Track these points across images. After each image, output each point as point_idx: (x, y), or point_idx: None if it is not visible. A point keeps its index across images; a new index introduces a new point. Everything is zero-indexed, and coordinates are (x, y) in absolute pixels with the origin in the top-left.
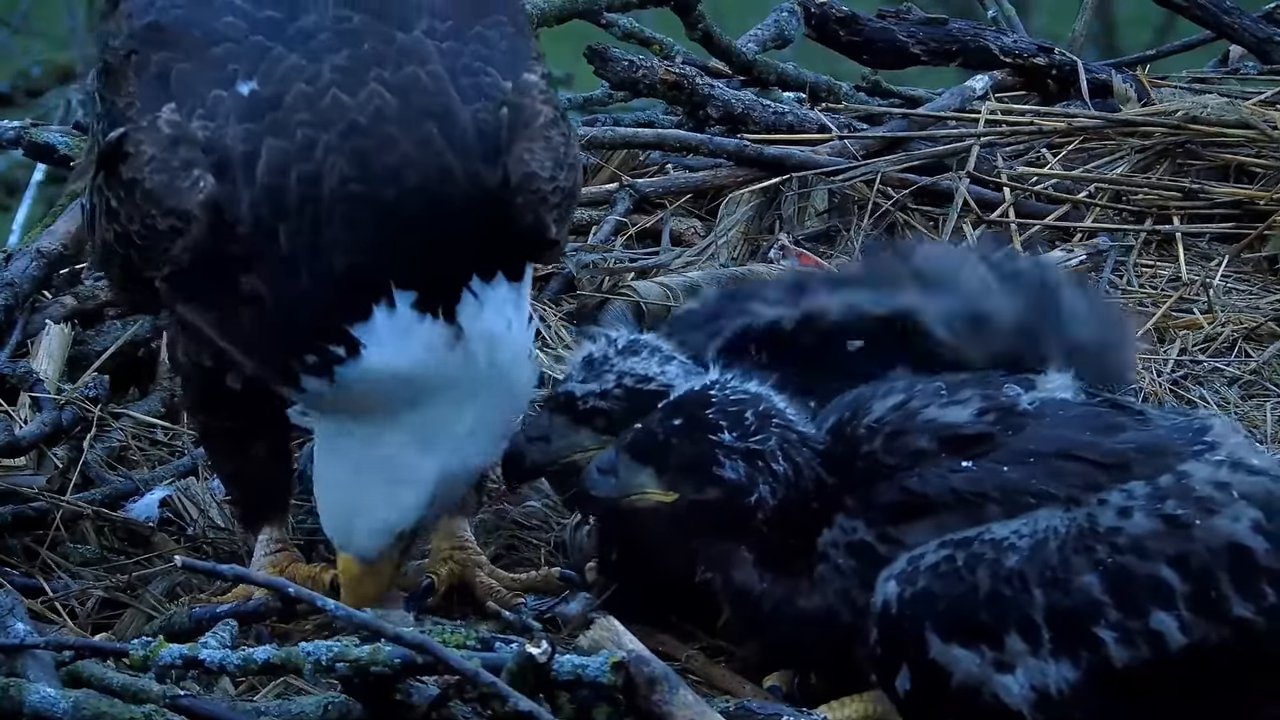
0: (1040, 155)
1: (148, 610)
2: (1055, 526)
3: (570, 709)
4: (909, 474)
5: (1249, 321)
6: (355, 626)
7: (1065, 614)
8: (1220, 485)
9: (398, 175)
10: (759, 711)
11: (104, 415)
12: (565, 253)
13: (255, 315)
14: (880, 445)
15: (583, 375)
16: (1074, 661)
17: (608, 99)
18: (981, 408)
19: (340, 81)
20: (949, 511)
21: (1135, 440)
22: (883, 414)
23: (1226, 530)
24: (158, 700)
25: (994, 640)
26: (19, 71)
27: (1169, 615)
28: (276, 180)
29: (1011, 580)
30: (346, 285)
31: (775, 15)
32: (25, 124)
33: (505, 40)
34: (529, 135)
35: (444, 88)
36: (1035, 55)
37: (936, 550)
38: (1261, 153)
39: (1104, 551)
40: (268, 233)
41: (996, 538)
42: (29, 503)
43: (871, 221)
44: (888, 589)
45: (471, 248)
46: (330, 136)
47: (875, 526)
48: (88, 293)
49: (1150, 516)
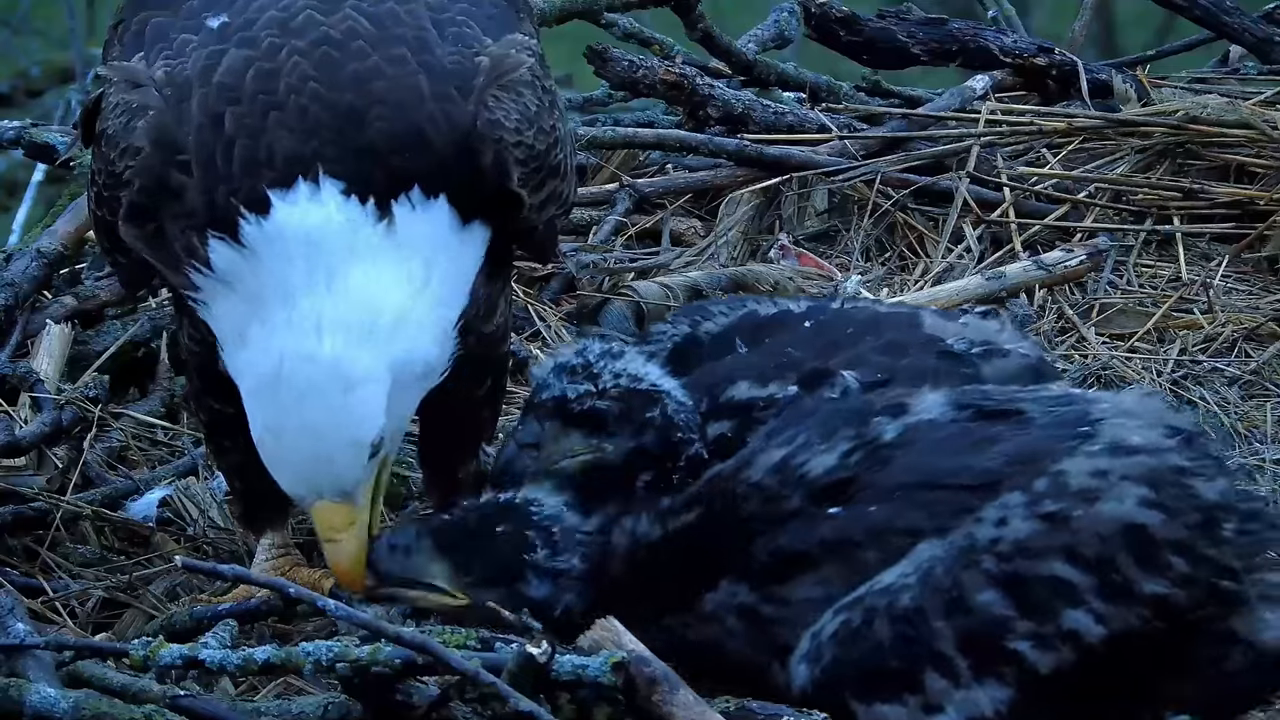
0: (1040, 155)
1: (148, 610)
2: (937, 555)
3: (570, 709)
4: (780, 531)
5: (1249, 321)
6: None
7: (974, 637)
8: (1098, 474)
9: (362, 81)
10: (759, 712)
11: (104, 415)
12: (565, 253)
13: (183, 204)
14: (758, 509)
15: (569, 379)
16: (999, 680)
17: (608, 99)
18: (848, 448)
19: (315, 6)
20: (826, 563)
21: (1006, 452)
22: (760, 478)
23: (1112, 513)
24: (158, 700)
25: (914, 685)
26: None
27: (1079, 611)
28: (234, 78)
29: (911, 620)
30: (277, 164)
31: (775, 15)
32: (25, 124)
33: (495, 8)
34: (501, 85)
35: (423, 24)
36: (1035, 55)
37: (832, 618)
38: (1261, 153)
39: (991, 563)
40: (214, 119)
41: (885, 585)
42: (29, 503)
43: (871, 221)
44: (800, 673)
45: (424, 164)
46: (299, 43)
47: (758, 589)
48: (88, 293)
49: (1029, 520)
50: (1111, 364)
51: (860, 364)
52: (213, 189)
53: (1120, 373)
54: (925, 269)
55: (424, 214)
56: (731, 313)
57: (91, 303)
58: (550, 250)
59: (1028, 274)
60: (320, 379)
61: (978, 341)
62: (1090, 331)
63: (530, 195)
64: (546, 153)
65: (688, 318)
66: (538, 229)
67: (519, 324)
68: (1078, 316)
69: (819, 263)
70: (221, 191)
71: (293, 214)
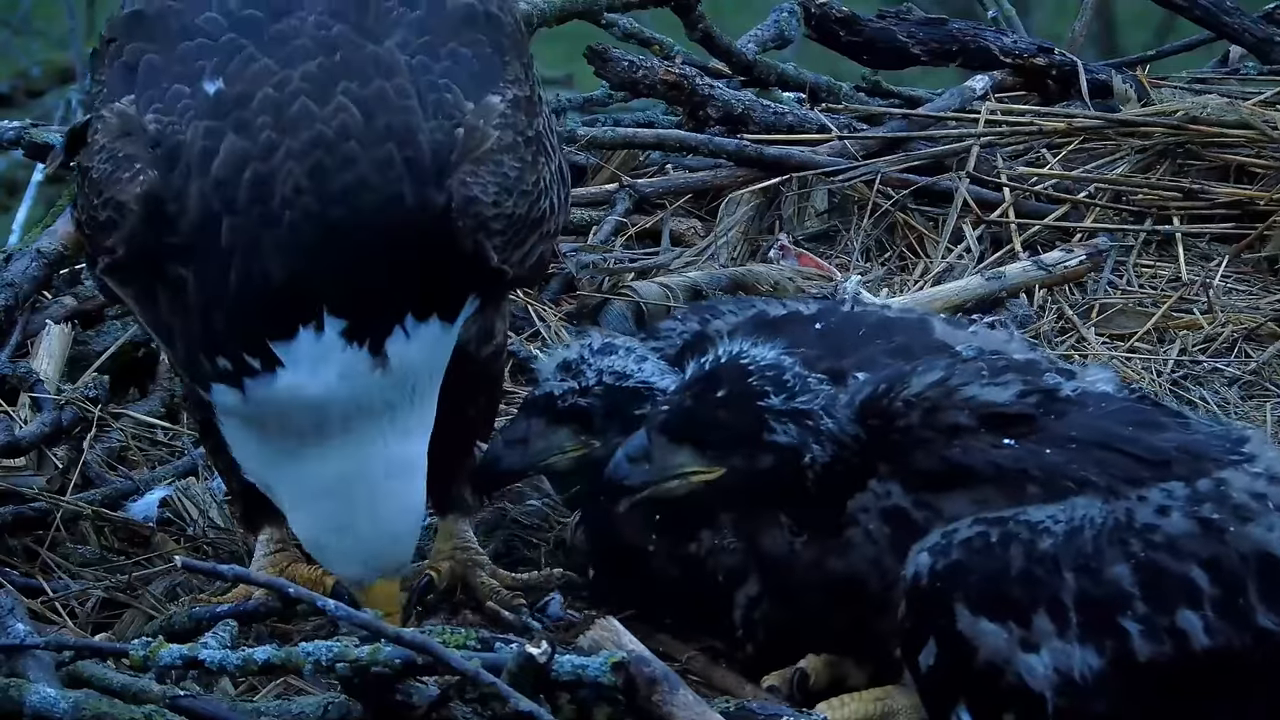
0: (1040, 155)
1: (148, 610)
2: (1092, 516)
3: (570, 709)
4: (950, 445)
5: (1249, 322)
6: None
7: (1094, 601)
8: (1257, 495)
9: (351, 197)
10: (759, 712)
11: (104, 415)
12: (565, 253)
13: (182, 307)
14: (918, 419)
15: (560, 375)
16: (1099, 649)
17: (608, 99)
18: (1022, 389)
19: (309, 90)
20: (988, 486)
21: (1176, 440)
22: (921, 389)
23: (1259, 539)
24: (158, 700)
25: (1022, 618)
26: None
27: (1195, 615)
28: (231, 175)
29: (1044, 561)
30: (278, 296)
31: (775, 15)
32: (25, 124)
33: (479, 61)
34: (476, 158)
35: (409, 105)
36: (1035, 55)
37: (971, 525)
38: (1261, 153)
39: (1138, 546)
40: (212, 223)
41: (1032, 520)
42: (29, 503)
43: (871, 221)
44: (920, 560)
45: (411, 280)
46: (293, 144)
47: (912, 492)
48: (88, 293)
49: (1187, 517)
50: (1111, 364)
51: (870, 366)
52: (210, 310)
53: (1120, 373)
54: (925, 269)
55: (416, 337)
56: (741, 312)
57: (91, 303)
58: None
59: (1028, 274)
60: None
61: (987, 350)
62: (1090, 332)
63: (511, 257)
64: (529, 212)
65: (697, 316)
66: (525, 276)
67: (519, 324)
68: (1078, 316)
69: (819, 263)
70: (218, 320)
71: (297, 375)
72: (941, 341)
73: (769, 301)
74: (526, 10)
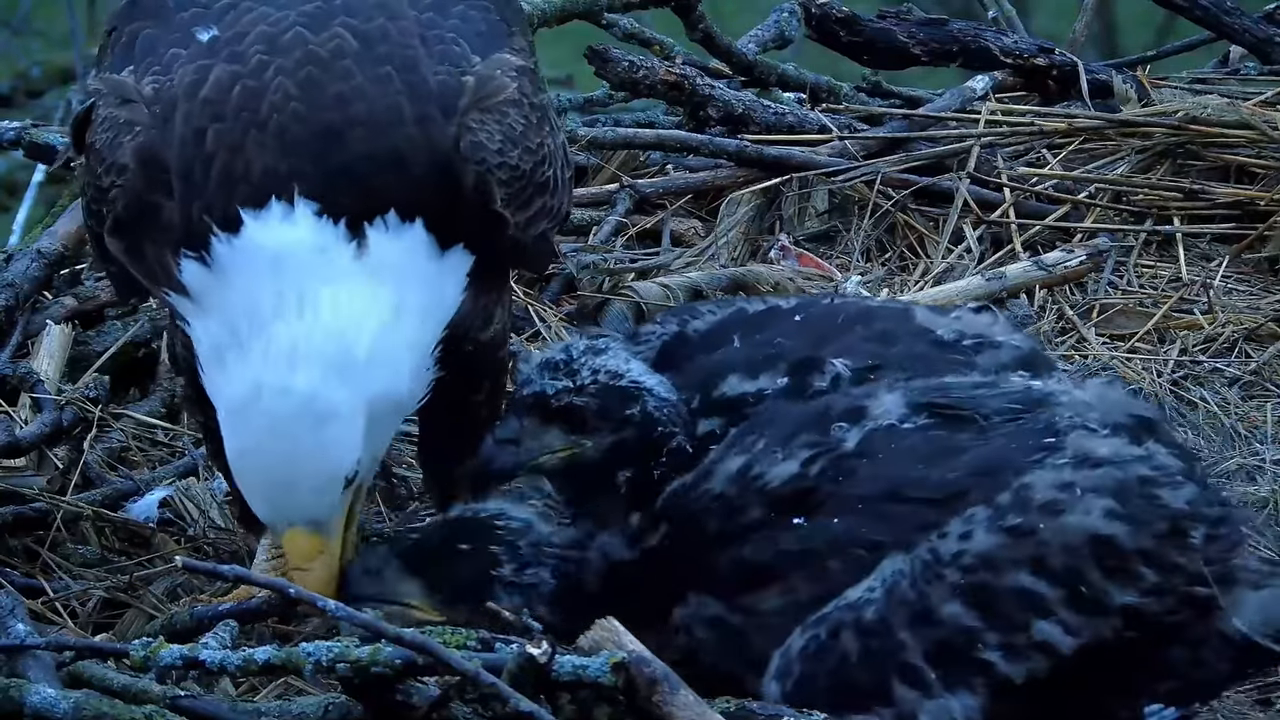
0: (1040, 155)
1: (148, 611)
2: (901, 569)
3: (570, 709)
4: (744, 543)
5: (1249, 322)
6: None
7: (943, 647)
8: (1064, 486)
9: (344, 103)
10: (759, 712)
11: (104, 416)
12: (565, 253)
13: (165, 223)
14: (718, 521)
15: (550, 375)
16: (970, 690)
17: (608, 99)
18: (809, 456)
19: (305, 23)
20: (790, 574)
21: (970, 463)
22: (723, 488)
23: (1079, 525)
24: (158, 701)
25: (884, 697)
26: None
27: (1048, 622)
28: (219, 95)
29: (877, 633)
30: (253, 181)
31: (775, 16)
32: (25, 125)
33: (486, 24)
34: (485, 106)
35: (411, 42)
36: (1036, 56)
37: (801, 635)
38: (1262, 153)
39: (955, 575)
40: (195, 136)
41: (851, 600)
42: (29, 503)
43: (872, 222)
44: (772, 691)
45: (401, 187)
46: (285, 62)
47: (724, 599)
48: (88, 293)
49: (993, 533)
50: (1111, 364)
51: (850, 352)
52: (189, 205)
53: (1120, 373)
54: (925, 269)
55: (399, 238)
56: (720, 311)
57: (92, 303)
58: (544, 263)
59: (1028, 274)
60: (295, 412)
61: (969, 333)
62: (1090, 332)
63: (515, 214)
64: (533, 171)
65: (676, 318)
66: (528, 246)
67: (519, 324)
68: (1078, 317)
69: (819, 263)
70: (197, 208)
71: (263, 233)
72: (922, 326)
73: (750, 300)
74: (527, 11)
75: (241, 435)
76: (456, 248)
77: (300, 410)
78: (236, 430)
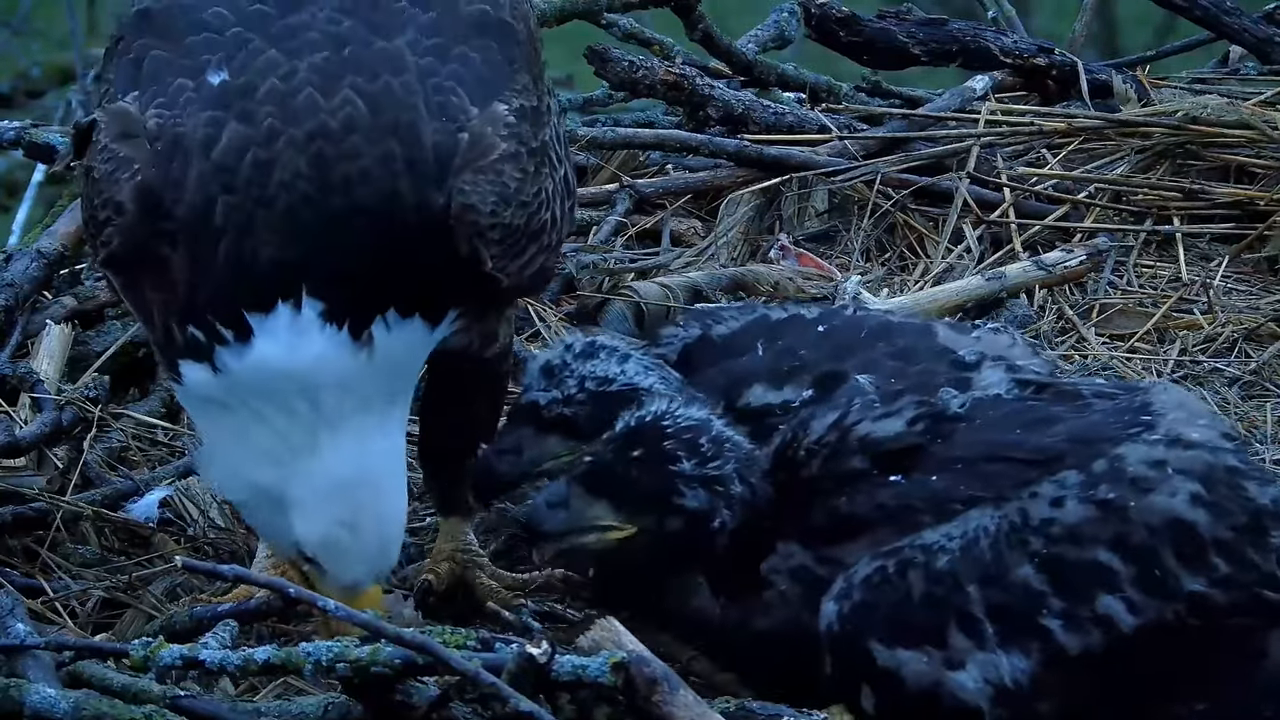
0: (1040, 155)
1: (148, 611)
2: (985, 526)
3: (570, 710)
4: (838, 495)
5: (1249, 322)
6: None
7: (1006, 607)
8: (1155, 464)
9: (350, 187)
10: (759, 712)
11: (104, 415)
12: (565, 253)
13: (168, 283)
14: (818, 468)
15: (544, 383)
16: (1024, 652)
17: (608, 99)
18: (913, 416)
19: (316, 82)
20: (882, 528)
21: (1067, 431)
22: (821, 434)
23: (1164, 507)
24: (158, 701)
25: (938, 639)
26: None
27: (1114, 598)
28: (231, 160)
29: (944, 580)
30: (261, 272)
31: (775, 16)
32: (25, 125)
33: (487, 66)
34: (478, 167)
35: (415, 102)
36: (1035, 56)
37: (868, 564)
38: (1261, 153)
39: (1038, 543)
40: (208, 204)
41: (925, 543)
42: (29, 503)
43: (871, 222)
44: (828, 610)
45: (400, 276)
46: (296, 132)
47: (812, 549)
48: (88, 293)
49: (1083, 503)
50: (1111, 364)
51: (873, 368)
52: (194, 284)
53: (1120, 373)
54: (925, 269)
55: (400, 333)
56: (743, 316)
57: (91, 303)
58: (542, 287)
59: (1028, 274)
60: (390, 472)
61: (990, 355)
62: (1090, 332)
63: (508, 266)
64: (527, 223)
65: (699, 321)
66: (523, 284)
67: (519, 324)
68: (1078, 317)
69: (819, 263)
70: (203, 294)
71: (271, 344)
72: (944, 346)
73: (770, 306)
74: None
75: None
76: (448, 315)
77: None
78: (338, 505)
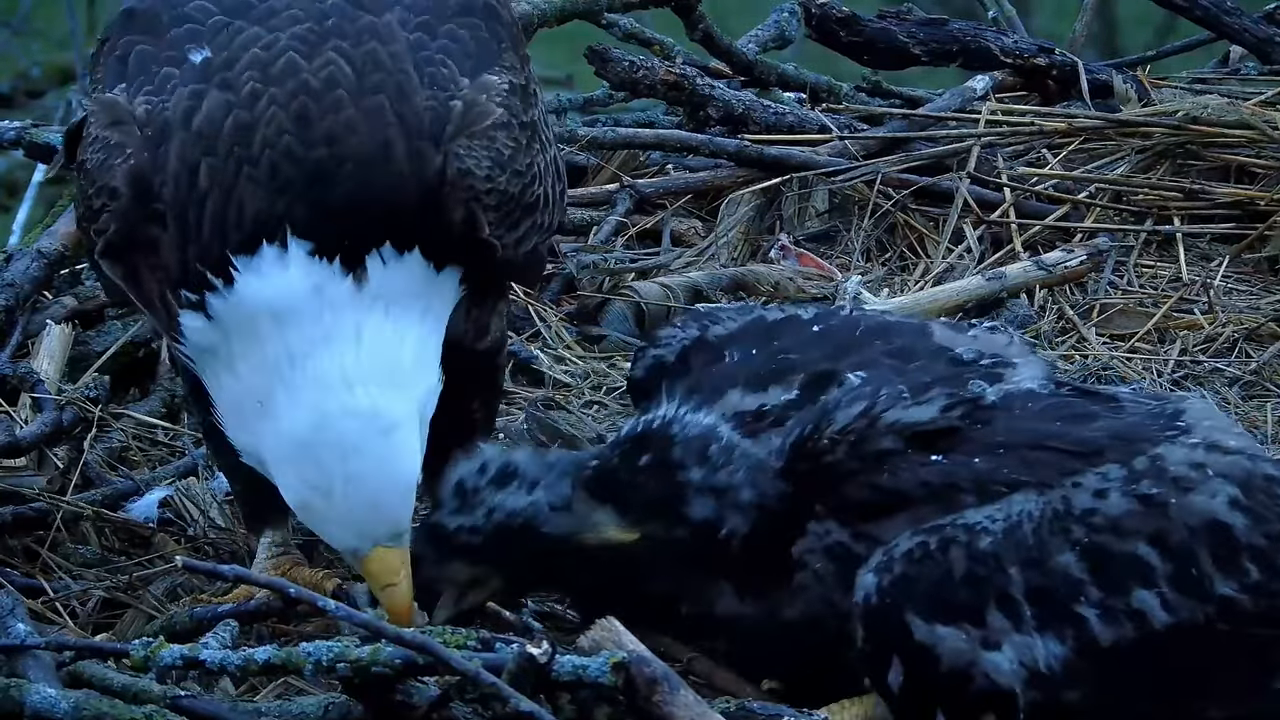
0: (1040, 155)
1: (148, 611)
2: (1029, 510)
3: (571, 710)
4: (879, 471)
5: (1249, 322)
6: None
7: (1045, 592)
8: (1196, 465)
9: (336, 138)
10: (760, 712)
11: (104, 415)
12: (565, 253)
13: (161, 262)
14: (844, 453)
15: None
16: (1059, 638)
17: (608, 99)
18: (946, 404)
19: (298, 48)
20: (923, 505)
21: (1107, 428)
22: (847, 423)
23: (1203, 508)
24: (158, 701)
25: (976, 618)
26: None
27: (1150, 593)
28: (212, 127)
29: (986, 561)
30: (245, 224)
31: (775, 16)
32: (25, 125)
33: (476, 42)
34: (472, 132)
35: (404, 67)
36: (1036, 56)
37: (910, 538)
38: (1262, 153)
39: (1080, 532)
40: (189, 173)
41: (969, 522)
42: (29, 503)
43: (872, 222)
44: (866, 581)
45: (394, 222)
46: (278, 91)
47: (849, 526)
48: (88, 293)
49: (1126, 497)
50: (1112, 364)
51: (869, 366)
52: (184, 252)
53: (1121, 373)
54: (925, 269)
55: (397, 269)
56: (740, 317)
57: (92, 303)
58: (536, 276)
59: (1028, 274)
60: (362, 430)
61: (987, 353)
62: (1090, 332)
63: (504, 237)
64: (521, 193)
65: (697, 322)
66: (518, 263)
67: (519, 324)
68: (1078, 317)
69: (819, 263)
70: (192, 254)
71: (258, 281)
72: (941, 345)
73: (768, 307)
74: (527, 11)
75: (308, 470)
76: (449, 269)
77: (366, 427)
78: (301, 467)
